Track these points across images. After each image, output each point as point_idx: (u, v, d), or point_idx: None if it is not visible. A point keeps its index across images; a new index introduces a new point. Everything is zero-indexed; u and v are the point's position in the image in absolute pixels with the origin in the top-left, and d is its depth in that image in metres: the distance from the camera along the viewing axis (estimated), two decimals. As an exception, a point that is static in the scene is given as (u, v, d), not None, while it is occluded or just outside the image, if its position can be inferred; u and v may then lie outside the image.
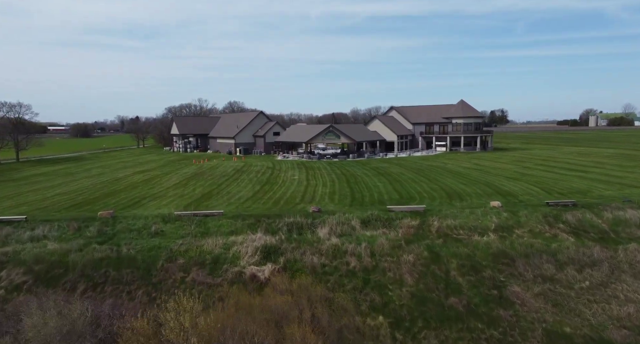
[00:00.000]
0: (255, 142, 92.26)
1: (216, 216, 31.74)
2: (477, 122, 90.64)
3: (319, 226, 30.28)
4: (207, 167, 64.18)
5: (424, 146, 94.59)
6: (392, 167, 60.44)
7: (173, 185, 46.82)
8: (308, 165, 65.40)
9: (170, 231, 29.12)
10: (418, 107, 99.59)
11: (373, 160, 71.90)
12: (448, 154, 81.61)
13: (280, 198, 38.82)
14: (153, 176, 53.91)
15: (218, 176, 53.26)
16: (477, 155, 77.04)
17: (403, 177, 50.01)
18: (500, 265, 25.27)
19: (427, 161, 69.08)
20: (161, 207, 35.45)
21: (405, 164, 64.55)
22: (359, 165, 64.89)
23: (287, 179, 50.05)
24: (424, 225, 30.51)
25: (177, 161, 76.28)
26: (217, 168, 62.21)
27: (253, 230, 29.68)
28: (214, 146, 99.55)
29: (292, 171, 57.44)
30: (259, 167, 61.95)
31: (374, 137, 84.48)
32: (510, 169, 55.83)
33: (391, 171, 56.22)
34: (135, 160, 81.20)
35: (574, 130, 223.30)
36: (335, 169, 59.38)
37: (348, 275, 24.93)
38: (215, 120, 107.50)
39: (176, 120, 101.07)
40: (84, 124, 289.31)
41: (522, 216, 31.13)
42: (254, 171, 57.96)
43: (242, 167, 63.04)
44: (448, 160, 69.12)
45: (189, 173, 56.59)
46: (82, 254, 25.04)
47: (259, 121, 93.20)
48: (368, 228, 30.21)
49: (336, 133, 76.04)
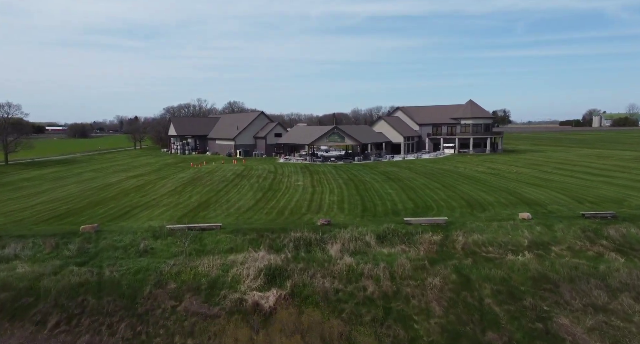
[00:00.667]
0: (255, 144, 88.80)
1: (214, 230, 28.27)
2: (487, 123, 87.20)
3: (329, 242, 26.82)
4: (205, 171, 60.71)
5: (431, 148, 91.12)
6: (402, 171, 56.97)
7: (168, 192, 43.34)
8: (312, 168, 61.95)
9: (161, 249, 25.65)
10: (425, 108, 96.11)
11: (380, 163, 68.45)
12: (457, 156, 78.14)
13: (285, 208, 35.37)
14: (147, 182, 50.42)
15: (217, 181, 49.79)
16: (489, 158, 73.57)
17: (415, 183, 46.53)
18: (542, 290, 21.80)
19: (438, 164, 65.62)
20: (153, 218, 31.99)
21: (415, 168, 61.09)
22: (366, 168, 61.43)
23: (291, 185, 46.59)
24: (448, 241, 27.04)
25: (174, 164, 72.80)
26: (215, 172, 58.75)
27: (255, 246, 26.22)
28: (213, 148, 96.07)
29: (296, 175, 54.00)
30: (260, 171, 58.49)
31: (379, 139, 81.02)
32: (528, 174, 52.36)
33: (401, 176, 52.76)
34: (130, 162, 77.71)
35: (580, 131, 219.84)
36: (342, 173, 55.93)
37: (366, 303, 21.46)
38: (214, 120, 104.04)
39: (174, 121, 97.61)
40: (81, 124, 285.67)
41: (557, 231, 27.66)
42: (255, 176, 54.50)
43: (242, 171, 59.58)
44: (459, 164, 65.66)
45: (185, 178, 53.11)
46: (56, 279, 21.57)
47: (259, 122, 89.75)
48: (384, 245, 26.74)
49: (341, 135, 72.59)
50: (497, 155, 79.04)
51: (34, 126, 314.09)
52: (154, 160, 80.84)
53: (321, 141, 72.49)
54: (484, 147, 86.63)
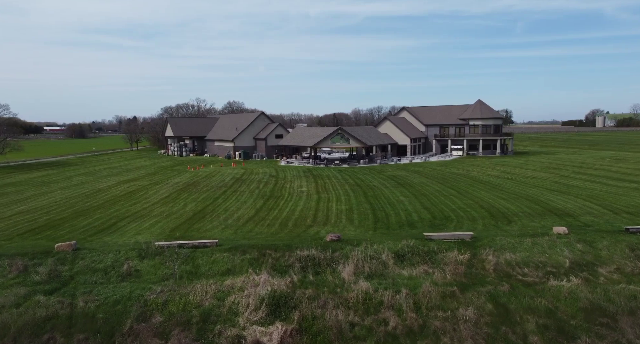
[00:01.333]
0: (256, 145, 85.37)
1: (209, 247, 24.84)
2: (497, 124, 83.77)
3: (340, 262, 23.38)
4: (202, 175, 57.26)
5: (438, 150, 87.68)
6: (411, 176, 53.53)
7: (161, 199, 39.89)
8: (316, 172, 58.49)
9: (147, 271, 22.21)
10: (431, 108, 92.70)
11: (387, 167, 65.00)
12: (467, 159, 74.70)
13: (288, 218, 31.95)
14: (139, 188, 46.95)
15: (214, 187, 46.33)
16: (501, 161, 70.12)
17: (428, 189, 43.10)
18: (597, 326, 18.35)
19: (448, 168, 62.18)
20: (141, 232, 28.57)
21: (425, 172, 57.64)
22: (372, 172, 57.99)
23: (295, 191, 43.15)
24: (476, 261, 23.60)
25: (170, 167, 69.32)
26: (213, 176, 55.28)
27: (256, 267, 22.80)
28: (211, 149, 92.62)
29: (299, 180, 50.55)
30: (260, 176, 55.06)
31: (385, 141, 77.58)
32: (547, 178, 48.93)
33: (412, 180, 49.32)
34: (125, 165, 74.22)
35: (585, 131, 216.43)
36: (347, 178, 52.49)
37: (387, 341, 18.02)
38: (213, 121, 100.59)
39: (170, 122, 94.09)
40: (79, 124, 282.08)
41: (602, 249, 24.21)
42: (255, 180, 51.04)
43: (241, 175, 56.14)
44: (471, 167, 62.22)
45: (181, 183, 49.64)
46: (18, 312, 18.10)
47: (260, 122, 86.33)
48: (404, 265, 23.30)
49: (345, 137, 69.13)
50: (509, 158, 75.59)
51: (31, 126, 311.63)
52: (150, 163, 77.34)
53: (324, 143, 69.09)
54: (494, 149, 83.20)
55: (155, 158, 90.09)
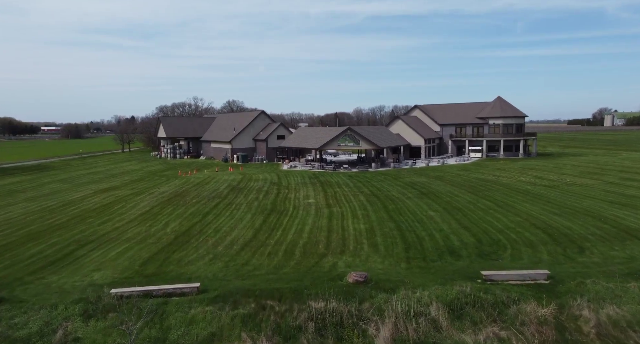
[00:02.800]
0: (255, 147, 78.41)
1: (187, 295, 17.91)
2: (519, 123, 76.71)
3: (372, 319, 16.42)
4: (194, 182, 50.30)
5: (454, 151, 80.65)
6: (433, 183, 46.53)
7: (139, 215, 32.97)
8: (323, 178, 51.52)
9: (92, 340, 15.23)
10: (446, 106, 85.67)
11: (402, 171, 57.98)
12: (488, 162, 67.65)
13: (295, 243, 25.04)
14: (118, 199, 40.02)
15: (206, 198, 39.39)
16: (528, 164, 63.05)
17: (459, 201, 36.11)
18: None
19: (471, 172, 55.17)
20: (103, 266, 21.67)
21: (447, 177, 50.65)
22: (387, 178, 51.00)
23: (300, 204, 36.20)
24: (565, 317, 16.62)
25: (160, 172, 62.37)
26: (206, 184, 48.31)
27: (252, 329, 15.87)
28: (207, 151, 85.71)
29: (305, 189, 43.57)
30: (260, 183, 48.08)
31: (398, 142, 70.56)
32: (594, 186, 41.89)
33: (436, 189, 42.33)
34: (110, 170, 67.28)
35: (598, 131, 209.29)
36: (360, 185, 45.51)
37: None
38: (210, 120, 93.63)
39: (163, 121, 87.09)
40: (75, 124, 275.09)
41: None
42: (254, 189, 44.08)
43: (239, 182, 49.17)
44: (497, 172, 55.19)
45: (167, 193, 42.67)
46: None
47: (260, 122, 79.36)
48: (464, 324, 16.33)
49: (354, 138, 62.13)
50: (535, 160, 68.49)
51: (26, 126, 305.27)
52: (138, 167, 70.36)
53: (332, 145, 62.10)
54: (516, 150, 76.15)
55: (146, 161, 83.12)
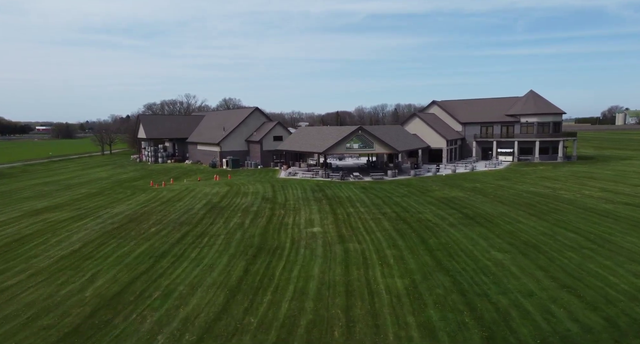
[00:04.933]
0: (249, 150, 67.45)
1: None
2: (556, 121, 65.68)
3: None
4: (164, 197, 39.28)
5: (479, 154, 69.63)
6: (474, 199, 35.48)
7: (59, 259, 21.99)
8: (330, 191, 40.52)
9: None
10: (469, 101, 74.63)
11: (426, 180, 46.91)
12: (524, 167, 56.60)
13: (292, 327, 14.06)
14: (45, 227, 28.99)
15: (171, 225, 28.38)
16: (575, 170, 51.98)
17: (525, 230, 25.03)
18: None
19: (513, 182, 44.11)
20: None
21: (487, 190, 39.61)
22: (411, 191, 39.98)
23: (301, 234, 25.17)
24: None
25: (129, 182, 51.40)
26: (179, 200, 37.29)
27: None
28: (194, 155, 74.74)
29: (307, 208, 32.53)
30: (250, 199, 37.05)
31: (417, 144, 59.57)
32: (700, 206, 30.82)
33: (482, 209, 31.31)
34: (71, 179, 56.27)
35: (614, 130, 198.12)
36: (379, 202, 34.48)
37: None
38: (198, 119, 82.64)
39: (143, 120, 75.98)
40: (66, 124, 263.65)
41: None
42: (240, 208, 33.08)
43: (222, 197, 38.17)
44: (546, 182, 44.13)
45: (120, 216, 31.63)
46: None
47: (254, 121, 68.37)
48: None
49: (366, 140, 51.13)
50: (581, 166, 57.44)
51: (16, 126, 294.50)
52: (108, 174, 59.32)
53: (339, 148, 51.12)
54: (553, 152, 65.12)
55: (122, 166, 72.11)
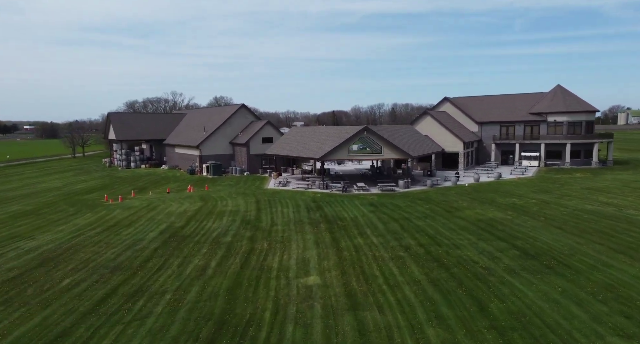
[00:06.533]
0: (234, 154, 58.30)
1: None
2: (589, 120, 57.03)
3: None
4: (111, 220, 29.97)
5: (498, 158, 60.81)
6: (521, 222, 26.47)
7: None
8: (329, 210, 31.43)
9: None
10: (486, 98, 65.79)
11: (447, 193, 37.82)
12: (558, 174, 47.75)
13: None
14: None
15: (99, 272, 19.19)
16: (624, 179, 43.18)
17: (628, 282, 16.08)
18: None
19: (557, 196, 35.17)
20: None
21: (531, 207, 30.59)
22: (433, 209, 30.91)
23: (290, 289, 16.07)
24: None
25: (82, 194, 42.02)
26: (128, 226, 27.99)
27: None
28: (171, 159, 65.43)
29: (299, 237, 23.40)
30: (224, 223, 27.83)
31: (431, 148, 50.65)
32: None
33: (543, 241, 22.36)
34: (14, 189, 46.80)
35: (618, 129, 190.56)
36: (396, 227, 25.39)
37: None
38: (178, 117, 73.27)
39: (113, 120, 66.34)
40: (50, 123, 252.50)
41: None
42: (209, 239, 23.85)
43: (189, 219, 28.93)
44: (597, 194, 35.27)
45: (32, 255, 22.36)
46: None
47: (240, 120, 59.20)
48: None
49: (373, 143, 42.09)
50: (624, 173, 48.67)
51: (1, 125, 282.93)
52: (62, 184, 49.83)
53: (340, 153, 42.07)
54: (586, 156, 56.48)
55: (88, 172, 62.62)
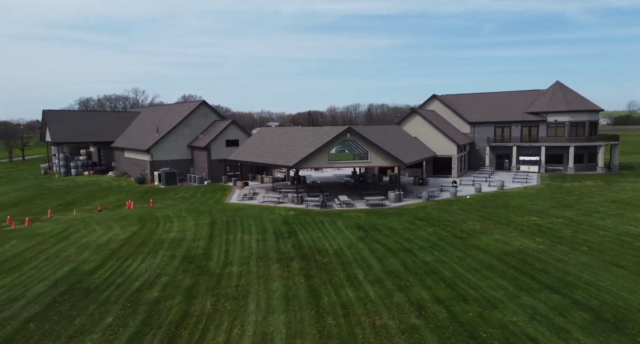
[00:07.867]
0: (192, 159, 49.82)
1: None
2: (593, 120, 51.46)
3: None
4: (4, 254, 21.30)
5: (493, 163, 54.58)
6: (562, 255, 19.51)
7: None
8: (304, 237, 23.69)
9: None
10: (478, 96, 59.50)
11: (447, 207, 30.70)
12: (565, 182, 41.58)
13: None
14: None
15: None
16: None
17: None
18: None
19: (584, 213, 28.57)
20: None
21: (560, 231, 23.79)
22: (438, 234, 23.68)
23: None
24: None
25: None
26: (12, 270, 19.48)
27: None
28: (120, 164, 56.27)
29: (262, 288, 15.62)
30: (158, 261, 19.67)
31: (425, 153, 43.69)
32: None
33: (611, 290, 15.29)
34: None
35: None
36: (396, 263, 17.93)
37: None
38: (131, 116, 63.99)
39: (49, 120, 56.50)
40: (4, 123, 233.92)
41: None
42: (124, 294, 15.62)
43: (109, 255, 20.60)
44: (635, 212, 28.89)
45: None
46: None
47: (199, 119, 50.74)
48: None
49: (358, 148, 34.66)
50: (639, 181, 42.96)
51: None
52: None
53: (317, 159, 34.43)
54: (590, 161, 50.87)
55: (12, 181, 52.78)
